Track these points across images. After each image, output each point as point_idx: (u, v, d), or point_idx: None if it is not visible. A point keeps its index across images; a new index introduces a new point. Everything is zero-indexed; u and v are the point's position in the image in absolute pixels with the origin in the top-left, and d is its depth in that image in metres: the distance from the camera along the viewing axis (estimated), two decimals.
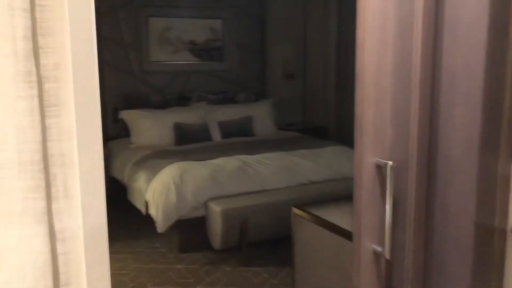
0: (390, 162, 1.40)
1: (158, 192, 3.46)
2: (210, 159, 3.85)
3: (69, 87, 0.92)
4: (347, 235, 1.88)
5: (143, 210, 3.71)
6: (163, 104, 5.06)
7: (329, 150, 4.22)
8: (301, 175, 3.88)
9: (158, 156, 4.02)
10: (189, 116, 4.84)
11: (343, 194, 3.79)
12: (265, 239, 3.56)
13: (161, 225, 3.43)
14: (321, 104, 5.94)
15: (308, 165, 3.94)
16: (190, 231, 3.59)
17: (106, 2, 4.89)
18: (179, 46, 5.33)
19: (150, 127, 4.66)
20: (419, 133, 1.36)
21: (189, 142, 4.58)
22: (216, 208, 3.37)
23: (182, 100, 5.20)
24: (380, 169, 1.47)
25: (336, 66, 5.66)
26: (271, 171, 3.78)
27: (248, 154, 3.99)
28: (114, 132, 5.04)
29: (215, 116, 4.94)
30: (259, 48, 5.80)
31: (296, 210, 2.39)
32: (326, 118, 5.88)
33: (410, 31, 1.32)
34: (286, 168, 3.85)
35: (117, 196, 4.42)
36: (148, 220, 3.64)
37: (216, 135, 4.76)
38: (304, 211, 2.32)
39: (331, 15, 5.64)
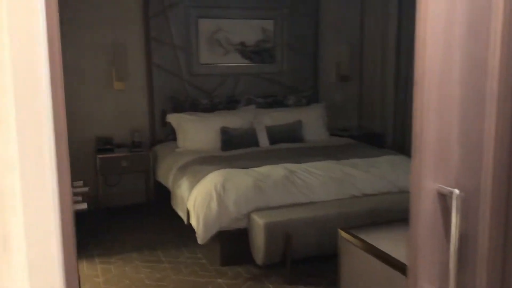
0: (457, 191, 1.14)
1: (200, 201, 3.30)
2: (256, 167, 3.64)
3: (8, 105, 0.70)
4: (401, 268, 1.61)
5: (184, 218, 3.57)
6: (211, 108, 4.93)
7: (385, 159, 3.89)
8: (352, 186, 3.59)
9: (202, 162, 3.87)
10: (236, 120, 4.66)
11: (398, 210, 3.49)
12: (311, 255, 3.31)
13: (202, 237, 3.26)
14: (378, 109, 5.59)
15: (361, 175, 3.64)
16: (232, 243, 3.40)
17: (155, 4, 4.82)
18: (229, 48, 5.18)
19: (196, 131, 4.53)
20: (495, 155, 1.08)
21: (235, 148, 4.40)
22: (259, 221, 3.16)
23: (230, 104, 5.04)
24: (443, 197, 1.20)
25: (395, 69, 5.29)
26: (320, 182, 3.52)
27: (296, 162, 3.75)
28: (162, 135, 4.97)
29: (263, 120, 4.73)
30: (312, 49, 5.53)
31: (343, 233, 2.12)
32: (383, 124, 5.52)
33: (485, 30, 1.04)
34: (336, 179, 3.57)
35: (162, 202, 4.34)
36: (191, 228, 3.50)
37: (263, 140, 4.55)
38: (352, 235, 2.06)
39: (390, 15, 5.29)
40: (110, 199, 4.90)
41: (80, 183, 1.25)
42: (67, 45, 4.67)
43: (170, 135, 4.84)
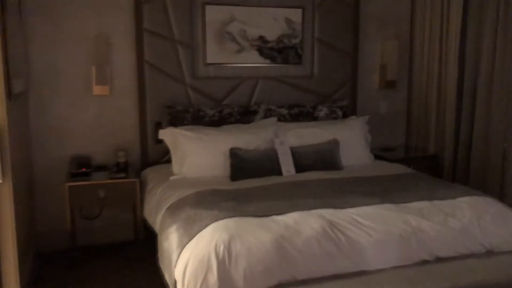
0: None
1: (192, 270, 2.15)
2: (278, 213, 2.49)
3: None
4: None
5: None
6: (219, 121, 3.79)
7: (465, 203, 2.70)
8: (422, 246, 2.42)
9: (201, 201, 2.73)
10: (251, 138, 3.51)
11: (492, 284, 2.31)
12: None
13: None
14: (432, 123, 4.38)
15: (433, 230, 2.46)
16: None
17: None
18: (244, 44, 4.04)
19: (198, 153, 3.39)
20: None
21: (249, 176, 3.25)
22: None
23: (245, 116, 3.89)
24: None
25: (458, 74, 4.08)
26: (374, 240, 2.35)
27: (337, 206, 2.58)
28: (156, 154, 3.84)
29: (288, 138, 3.57)
30: (350, 47, 4.36)
31: None
32: (440, 143, 4.30)
33: None
34: (397, 236, 2.40)
35: (154, 241, 3.13)
36: None
37: (288, 167, 3.39)
38: None
39: (452, 8, 4.08)
40: (89, 235, 3.81)
41: None
42: (36, 39, 3.59)
43: (167, 155, 3.72)
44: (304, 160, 3.45)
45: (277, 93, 4.14)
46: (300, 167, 3.41)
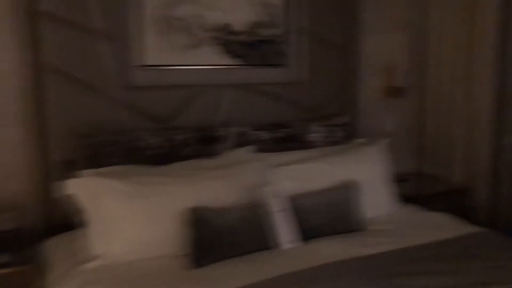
0: None
1: None
2: None
3: None
4: None
5: None
6: (169, 154, 2.42)
7: None
8: None
9: None
10: (224, 186, 2.17)
11: None
12: None
13: None
14: (457, 144, 3.24)
15: None
16: None
17: None
18: (201, 36, 2.69)
19: (133, 218, 2.00)
20: None
21: (224, 257, 1.92)
22: None
23: (207, 144, 2.54)
24: None
25: (497, 80, 2.96)
26: None
27: None
28: (67, 213, 2.38)
29: (282, 182, 2.27)
30: (347, 43, 3.13)
31: None
32: (470, 171, 3.17)
33: None
34: None
35: None
36: None
37: (288, 233, 2.08)
38: None
39: None
40: None
41: None
42: None
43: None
44: (313, 220, 2.15)
45: (253, 109, 2.82)
46: (307, 233, 2.11)
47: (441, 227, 2.31)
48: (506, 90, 2.94)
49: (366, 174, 2.49)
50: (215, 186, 2.15)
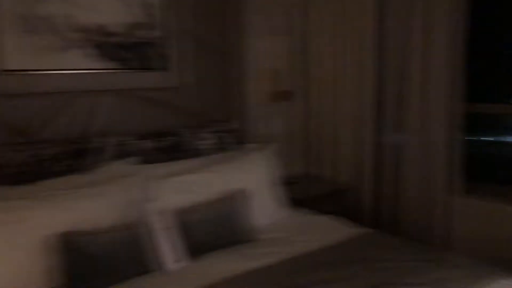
0: None
1: None
2: None
3: None
4: None
5: None
6: (34, 172, 2.13)
7: None
8: None
9: None
10: (99, 206, 1.94)
11: None
12: None
13: None
14: (341, 144, 3.33)
15: None
16: None
17: None
18: (71, 37, 2.42)
19: None
20: None
21: (99, 287, 1.71)
22: None
23: (80, 158, 2.28)
24: None
25: (376, 81, 3.09)
26: None
27: None
28: None
29: (167, 196, 2.10)
30: (231, 46, 3.05)
31: None
32: (355, 171, 3.27)
33: None
34: None
35: None
36: None
37: (175, 252, 1.92)
38: None
39: None
40: None
41: None
42: None
43: None
44: (201, 235, 2.02)
45: (134, 116, 2.61)
46: (195, 249, 1.97)
47: (330, 230, 2.31)
48: (385, 90, 3.07)
49: (255, 180, 2.42)
50: (90, 206, 1.92)
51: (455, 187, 2.84)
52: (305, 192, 3.12)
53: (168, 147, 2.57)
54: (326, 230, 2.31)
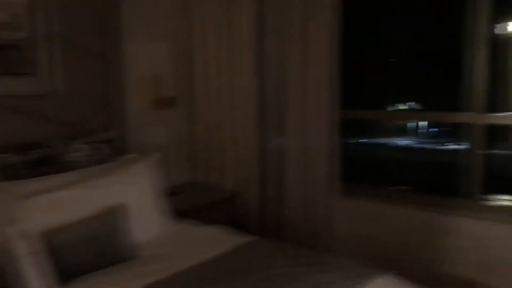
0: None
1: None
2: None
3: None
4: None
5: None
6: None
7: None
8: None
9: None
10: None
11: None
12: None
13: None
14: (227, 150, 3.31)
15: None
16: None
17: None
18: None
19: None
20: None
21: None
22: None
23: None
24: None
25: (258, 85, 3.11)
26: None
27: None
28: None
29: (30, 217, 1.89)
30: (108, 51, 2.88)
31: None
32: (241, 177, 3.26)
33: None
34: None
35: None
36: None
37: (34, 279, 1.72)
38: None
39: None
40: None
41: None
42: None
43: None
44: (73, 257, 1.84)
45: None
46: (67, 273, 1.79)
47: (215, 241, 2.26)
48: (268, 96, 3.11)
49: (135, 194, 2.29)
50: None
51: (334, 189, 2.96)
52: (191, 202, 3.03)
53: (36, 160, 2.33)
54: (211, 242, 2.26)
